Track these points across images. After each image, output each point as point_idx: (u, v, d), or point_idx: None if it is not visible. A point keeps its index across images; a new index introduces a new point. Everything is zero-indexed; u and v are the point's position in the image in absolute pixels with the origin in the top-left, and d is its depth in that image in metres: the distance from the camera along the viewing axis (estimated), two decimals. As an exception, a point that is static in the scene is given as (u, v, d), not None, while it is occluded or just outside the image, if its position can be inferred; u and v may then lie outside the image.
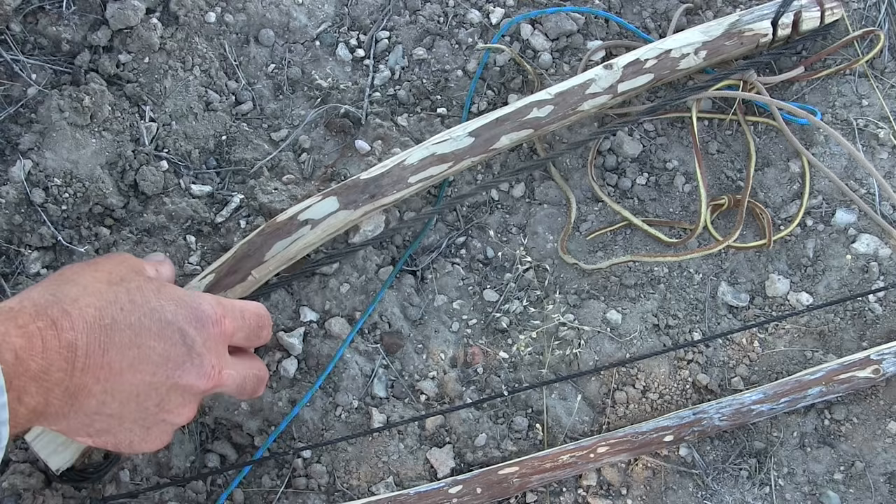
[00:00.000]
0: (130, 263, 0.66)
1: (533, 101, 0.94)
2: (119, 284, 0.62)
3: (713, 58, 0.98)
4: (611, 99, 0.96)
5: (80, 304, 0.58)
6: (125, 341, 0.59)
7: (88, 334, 0.58)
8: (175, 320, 0.62)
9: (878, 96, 1.04)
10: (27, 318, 0.56)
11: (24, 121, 0.95)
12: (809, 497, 0.91)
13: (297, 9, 1.05)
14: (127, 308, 0.60)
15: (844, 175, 1.01)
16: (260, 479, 0.88)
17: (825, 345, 0.96)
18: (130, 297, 0.61)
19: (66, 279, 0.61)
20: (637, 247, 0.99)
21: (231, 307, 0.69)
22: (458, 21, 1.06)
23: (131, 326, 0.59)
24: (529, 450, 0.91)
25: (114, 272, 0.63)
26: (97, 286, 0.61)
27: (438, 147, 0.92)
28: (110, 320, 0.59)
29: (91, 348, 0.58)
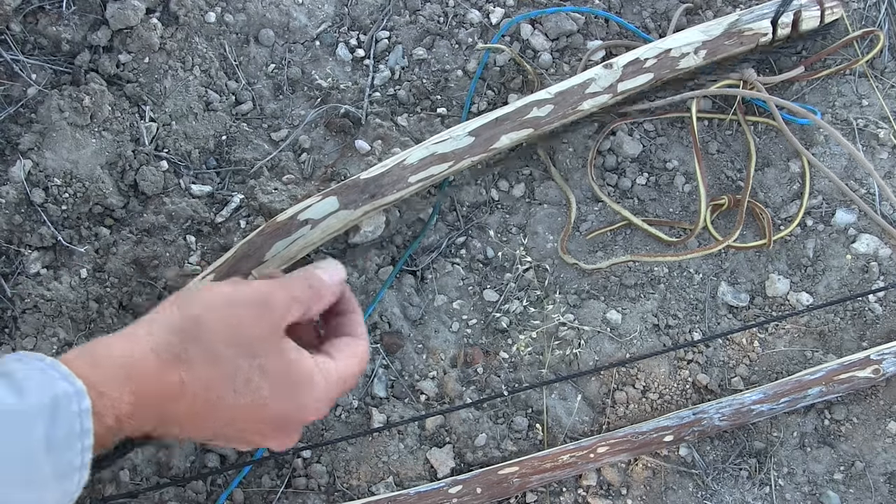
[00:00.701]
0: (272, 318, 0.60)
1: (533, 100, 0.94)
2: (244, 356, 0.58)
3: (713, 57, 0.98)
4: (611, 98, 0.96)
5: (197, 371, 0.57)
6: (219, 418, 0.59)
7: (189, 407, 0.58)
8: (279, 408, 0.60)
9: (878, 96, 1.04)
10: (141, 381, 0.55)
11: (24, 121, 0.95)
12: (809, 497, 0.91)
13: (297, 9, 1.05)
14: (238, 390, 0.59)
15: (844, 175, 1.01)
16: (260, 479, 0.88)
17: (825, 345, 0.96)
18: (247, 378, 0.59)
19: (198, 332, 0.58)
20: (637, 247, 0.99)
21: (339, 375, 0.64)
22: (458, 21, 1.06)
23: (231, 408, 0.59)
24: (529, 450, 0.91)
25: (245, 340, 0.59)
26: (224, 352, 0.58)
27: (438, 147, 0.92)
28: (216, 398, 0.58)
29: (185, 416, 0.58)
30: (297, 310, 0.62)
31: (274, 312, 0.60)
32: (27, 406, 0.48)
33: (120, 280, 0.92)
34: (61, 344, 0.89)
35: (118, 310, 0.91)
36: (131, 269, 0.92)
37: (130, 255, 0.92)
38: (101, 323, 0.90)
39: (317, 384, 0.61)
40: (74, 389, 0.50)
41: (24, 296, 0.90)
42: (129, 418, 0.54)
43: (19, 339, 0.89)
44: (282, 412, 0.60)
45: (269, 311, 0.60)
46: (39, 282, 0.91)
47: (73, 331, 0.90)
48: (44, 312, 0.89)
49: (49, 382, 0.50)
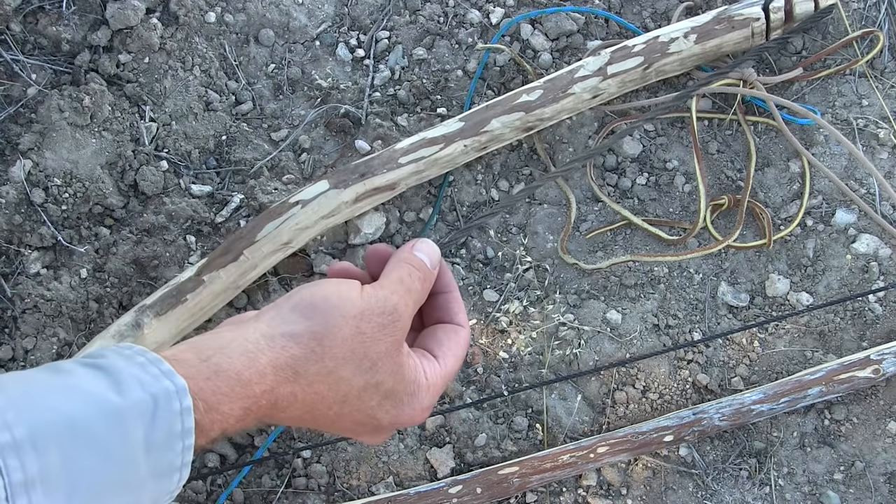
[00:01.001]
0: (396, 332, 0.57)
1: (523, 88, 0.96)
2: (364, 374, 0.56)
3: (705, 41, 0.97)
4: (601, 81, 0.96)
5: (312, 388, 0.55)
6: (323, 422, 0.58)
7: (295, 415, 0.56)
8: (381, 417, 0.59)
9: (878, 96, 1.04)
10: (254, 399, 0.53)
11: (24, 121, 0.95)
12: (809, 497, 0.91)
13: (297, 9, 1.05)
14: (349, 402, 0.57)
15: (844, 175, 1.01)
16: (260, 479, 0.88)
17: (825, 345, 0.96)
18: (360, 394, 0.57)
19: (322, 349, 0.55)
20: (637, 247, 0.99)
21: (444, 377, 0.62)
22: (458, 21, 1.06)
23: (338, 415, 0.58)
24: (529, 450, 0.91)
25: (370, 353, 0.56)
26: (342, 373, 0.56)
27: (429, 132, 0.93)
28: (325, 408, 0.57)
29: (290, 419, 0.56)
30: (415, 310, 0.60)
31: (399, 326, 0.57)
32: (128, 404, 0.47)
33: (120, 280, 0.92)
34: (61, 344, 0.89)
35: (118, 310, 0.91)
36: (131, 269, 0.92)
37: (130, 255, 0.92)
38: (101, 323, 0.90)
39: (421, 395, 0.59)
40: (175, 388, 0.48)
41: (24, 296, 0.90)
42: (234, 428, 0.53)
43: (19, 339, 0.89)
44: (385, 419, 0.59)
45: (395, 323, 0.57)
46: (39, 282, 0.91)
47: (73, 331, 0.90)
48: (44, 312, 0.89)
49: (150, 380, 0.48)
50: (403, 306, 0.58)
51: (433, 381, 0.60)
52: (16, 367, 0.88)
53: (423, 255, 0.62)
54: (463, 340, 0.63)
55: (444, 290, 0.64)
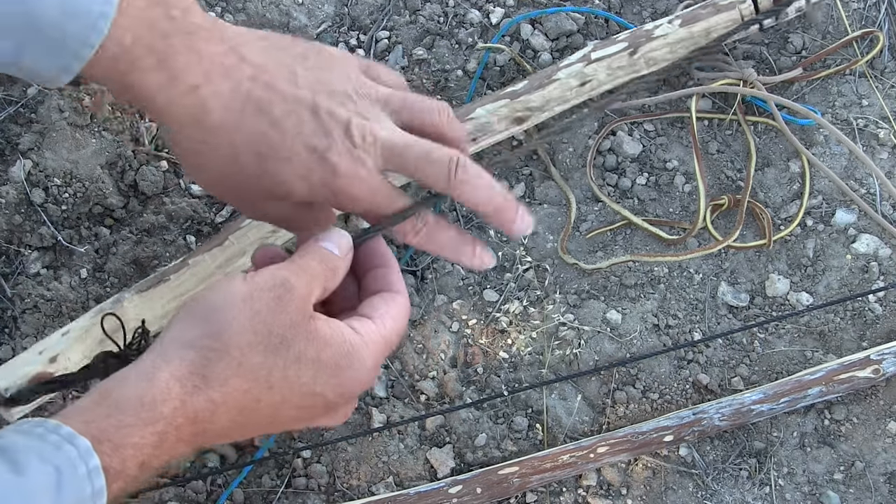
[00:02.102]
0: (296, 301, 0.55)
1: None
2: (277, 352, 0.53)
3: (691, 24, 0.97)
4: (585, 66, 0.96)
5: (228, 387, 0.52)
6: (262, 418, 0.55)
7: (225, 421, 0.53)
8: (324, 391, 0.56)
9: (878, 96, 1.04)
10: (166, 421, 0.50)
11: (24, 121, 0.95)
12: (809, 497, 0.91)
13: (297, 9, 1.05)
14: (277, 386, 0.54)
15: (844, 175, 1.01)
16: (260, 479, 0.88)
17: (825, 345, 0.96)
18: (284, 372, 0.54)
19: (221, 343, 0.52)
20: (637, 247, 0.99)
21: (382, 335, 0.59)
22: (458, 21, 1.06)
23: (273, 405, 0.55)
24: (529, 450, 0.91)
25: (275, 329, 0.53)
26: (253, 359, 0.53)
27: None
28: (253, 401, 0.54)
29: (224, 430, 0.54)
30: (317, 290, 0.57)
31: (296, 294, 0.55)
32: (30, 482, 0.44)
33: (120, 280, 0.92)
34: (61, 344, 0.89)
35: (118, 310, 0.91)
36: (131, 269, 0.92)
37: (130, 255, 0.92)
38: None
39: (360, 354, 0.56)
40: (78, 451, 0.46)
41: (24, 296, 0.90)
42: (157, 458, 0.50)
43: (19, 339, 0.89)
44: (329, 392, 0.56)
45: (290, 293, 0.54)
46: (39, 282, 0.91)
47: (73, 331, 0.90)
48: (44, 312, 0.89)
49: (51, 450, 0.46)
50: (295, 278, 0.55)
51: (370, 338, 0.57)
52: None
53: (329, 243, 0.60)
54: (400, 305, 0.60)
55: (381, 264, 0.62)
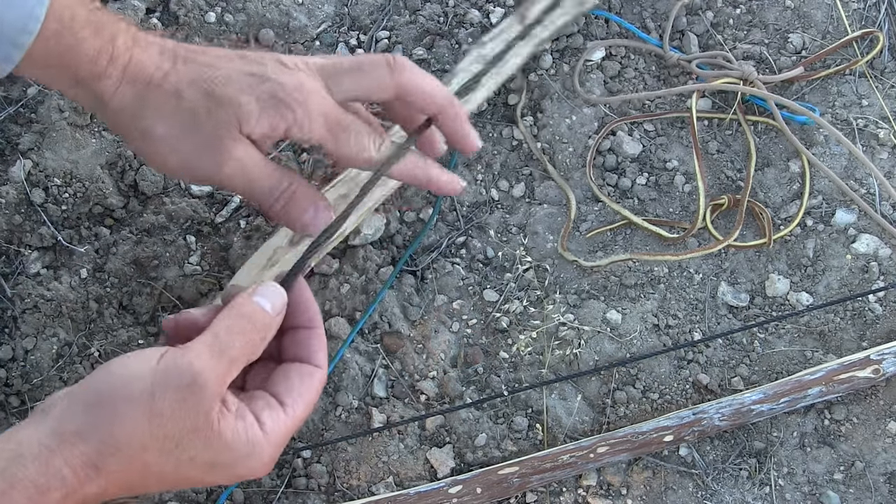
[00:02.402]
0: (202, 404, 0.52)
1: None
2: (170, 454, 0.52)
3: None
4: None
5: (121, 475, 0.51)
6: (152, 490, 0.56)
7: (113, 495, 0.53)
8: (215, 481, 0.56)
9: (878, 96, 1.04)
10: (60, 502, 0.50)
11: (24, 121, 0.95)
12: (809, 497, 0.91)
13: (297, 9, 1.05)
14: (169, 478, 0.53)
15: (844, 175, 1.02)
16: (260, 479, 0.88)
17: (825, 345, 0.96)
18: (176, 468, 0.53)
19: (114, 440, 0.51)
20: (637, 246, 0.99)
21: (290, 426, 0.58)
22: (458, 21, 1.06)
23: (163, 486, 0.55)
24: (529, 450, 0.91)
25: (173, 433, 0.51)
26: (146, 458, 0.52)
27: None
28: (143, 486, 0.53)
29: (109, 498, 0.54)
30: (233, 374, 0.55)
31: (204, 394, 0.52)
32: None
33: (120, 280, 0.92)
34: (61, 344, 0.89)
35: (118, 310, 0.91)
36: (131, 269, 0.92)
37: (130, 255, 0.92)
38: (101, 323, 0.90)
39: (259, 452, 0.55)
40: None
41: (24, 296, 0.90)
42: None
43: (19, 339, 0.89)
44: (221, 480, 0.56)
45: (198, 396, 0.52)
46: (39, 282, 0.91)
47: (73, 331, 0.90)
48: (44, 312, 0.89)
49: None
50: (210, 372, 0.52)
51: (275, 434, 0.55)
52: (16, 367, 0.88)
53: (263, 299, 0.57)
54: (317, 383, 0.59)
55: (307, 325, 0.60)
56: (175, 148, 0.60)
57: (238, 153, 0.59)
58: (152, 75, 0.60)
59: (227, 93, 0.59)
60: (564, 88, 1.03)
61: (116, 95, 0.60)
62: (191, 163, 0.60)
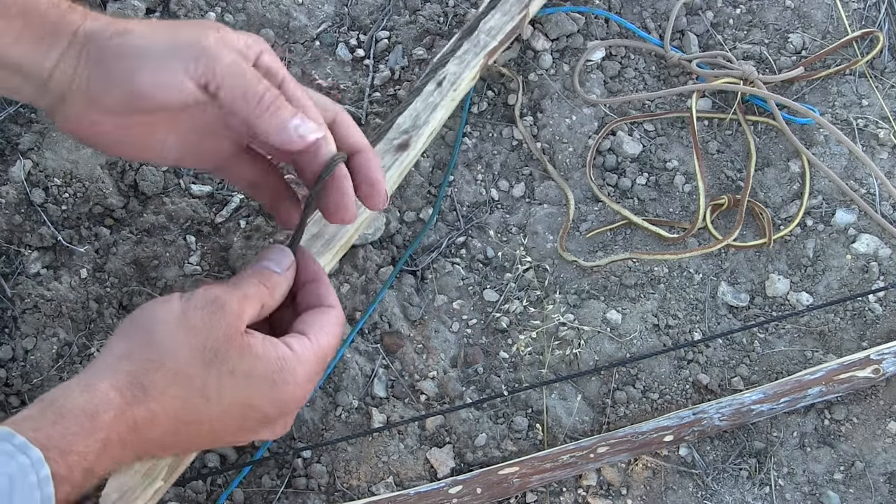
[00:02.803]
0: (227, 319, 0.57)
1: None
2: (211, 365, 0.56)
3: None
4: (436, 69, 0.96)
5: (168, 395, 0.55)
6: (203, 432, 0.58)
7: (165, 430, 0.55)
8: (260, 404, 0.59)
9: (878, 96, 1.04)
10: (108, 428, 0.52)
11: (23, 121, 0.95)
12: (809, 497, 0.91)
13: (297, 9, 1.05)
14: (213, 398, 0.56)
15: (844, 175, 1.02)
16: (260, 479, 0.88)
17: (825, 345, 0.96)
18: (219, 385, 0.56)
19: (157, 355, 0.55)
20: (637, 246, 0.99)
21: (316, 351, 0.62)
22: (458, 21, 1.06)
23: (211, 420, 0.57)
24: (529, 450, 0.91)
25: (209, 343, 0.56)
26: (189, 370, 0.55)
27: None
28: (192, 413, 0.56)
29: (165, 440, 0.56)
30: (251, 308, 0.60)
31: (227, 311, 0.57)
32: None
33: (120, 280, 0.92)
34: (61, 344, 0.89)
35: (118, 310, 0.91)
36: (131, 269, 0.92)
37: (130, 255, 0.92)
38: (101, 323, 0.90)
39: (293, 369, 0.59)
40: (31, 461, 0.48)
41: (24, 296, 0.90)
42: (101, 465, 0.52)
43: (19, 339, 0.89)
44: (266, 405, 0.59)
45: (222, 311, 0.57)
46: (39, 282, 0.91)
47: (73, 331, 0.90)
48: (44, 312, 0.89)
49: (4, 459, 0.48)
50: (228, 296, 0.58)
51: (304, 355, 0.59)
52: (16, 367, 0.88)
53: (270, 262, 0.63)
54: (334, 318, 0.63)
55: (310, 278, 0.65)
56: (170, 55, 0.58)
57: (231, 54, 0.59)
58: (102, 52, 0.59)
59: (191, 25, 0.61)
60: (564, 88, 1.03)
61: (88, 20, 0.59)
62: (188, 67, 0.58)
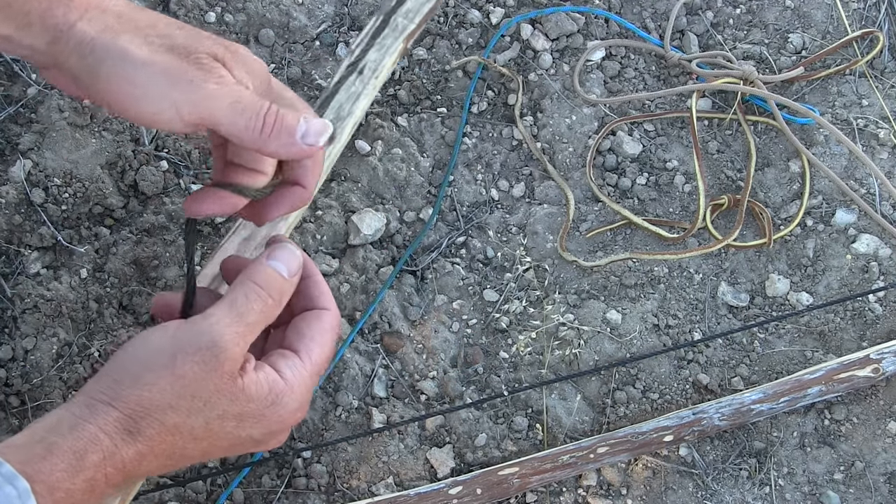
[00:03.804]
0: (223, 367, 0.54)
1: None
2: (200, 412, 0.54)
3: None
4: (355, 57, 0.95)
5: (154, 441, 0.53)
6: (192, 457, 0.56)
7: (154, 466, 0.55)
8: (250, 434, 0.57)
9: (878, 96, 1.04)
10: (95, 468, 0.51)
11: (24, 121, 0.95)
12: (809, 497, 0.91)
13: (297, 9, 1.05)
14: (202, 437, 0.55)
15: (844, 175, 1.02)
16: (260, 479, 0.88)
17: (825, 345, 0.96)
18: (208, 427, 0.55)
19: (145, 405, 0.53)
20: (637, 246, 0.99)
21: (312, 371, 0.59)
22: (458, 21, 1.06)
23: (201, 450, 0.56)
24: (529, 450, 0.91)
25: (198, 395, 0.54)
26: (175, 419, 0.53)
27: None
28: (180, 449, 0.55)
29: (152, 471, 0.56)
30: (251, 339, 0.56)
31: (223, 357, 0.54)
32: None
33: (120, 280, 0.92)
34: (61, 344, 0.89)
35: (118, 310, 0.91)
36: (131, 269, 0.92)
37: (130, 255, 0.92)
38: (101, 323, 0.90)
39: (284, 401, 0.56)
40: (17, 492, 0.48)
41: (24, 296, 0.90)
42: (86, 502, 0.52)
43: (19, 339, 0.89)
44: (255, 434, 0.57)
45: (216, 358, 0.54)
46: (39, 282, 0.91)
47: (73, 331, 0.90)
48: (44, 312, 0.89)
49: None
50: (229, 336, 0.54)
51: (295, 382, 0.57)
52: (16, 367, 0.88)
53: (279, 263, 0.58)
54: (327, 324, 0.59)
55: (304, 275, 0.60)
56: (155, 65, 0.55)
57: (222, 72, 0.56)
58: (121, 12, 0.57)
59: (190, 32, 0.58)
60: (564, 88, 1.03)
61: (83, 20, 0.55)
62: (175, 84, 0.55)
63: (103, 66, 0.55)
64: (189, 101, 0.55)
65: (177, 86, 0.55)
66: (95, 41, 0.55)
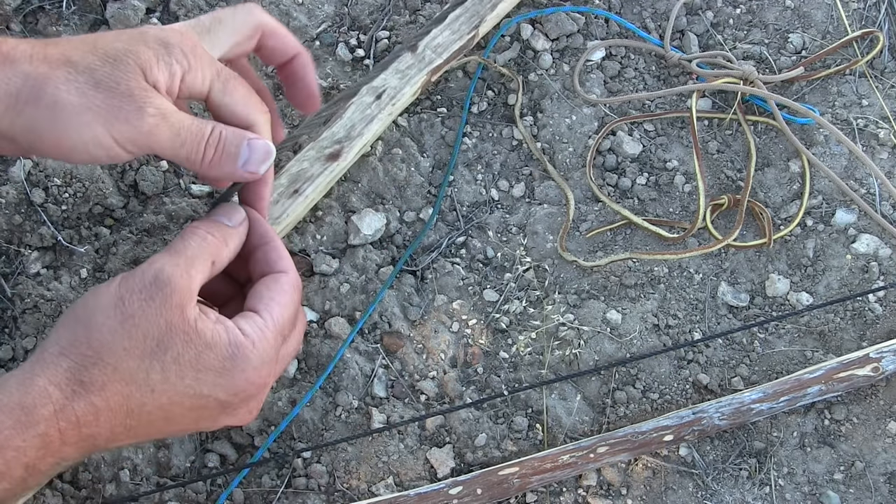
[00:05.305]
0: (172, 300, 0.53)
1: None
2: (153, 356, 0.52)
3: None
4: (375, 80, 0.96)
5: (108, 391, 0.51)
6: (154, 420, 0.54)
7: (113, 424, 0.52)
8: (212, 393, 0.55)
9: (878, 96, 1.04)
10: (47, 423, 0.49)
11: (23, 121, 0.95)
12: (809, 497, 0.91)
13: (297, 9, 1.05)
14: (159, 389, 0.53)
15: (845, 175, 1.02)
16: (260, 479, 0.88)
17: (825, 345, 0.96)
18: (164, 375, 0.53)
19: (95, 349, 0.51)
20: (637, 246, 0.99)
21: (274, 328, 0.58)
22: (458, 21, 1.06)
23: (161, 407, 0.54)
24: (529, 450, 0.91)
25: (150, 334, 0.52)
26: (128, 364, 0.52)
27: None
28: (138, 405, 0.53)
29: (115, 433, 0.53)
30: (200, 272, 0.55)
31: (171, 289, 0.53)
32: None
33: (120, 280, 0.92)
34: (61, 344, 0.89)
35: (118, 310, 0.91)
36: (131, 268, 0.92)
37: (130, 255, 0.92)
38: (101, 323, 0.90)
39: (245, 355, 0.55)
40: None
41: (24, 296, 0.90)
42: (44, 462, 0.50)
43: (19, 339, 0.89)
44: (219, 393, 0.55)
45: (162, 291, 0.53)
46: (39, 282, 0.91)
47: (73, 331, 0.90)
48: (44, 312, 0.89)
49: None
50: (170, 268, 0.54)
51: (257, 337, 0.56)
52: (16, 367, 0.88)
53: (220, 215, 0.59)
54: (287, 285, 0.59)
55: (260, 242, 0.61)
56: (88, 109, 0.53)
57: (157, 101, 0.55)
58: (31, 54, 0.54)
59: (120, 46, 0.55)
60: (564, 88, 1.03)
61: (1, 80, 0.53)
62: (111, 124, 0.54)
63: (37, 124, 0.53)
64: (130, 140, 0.55)
65: (114, 125, 0.54)
66: (20, 95, 0.53)
